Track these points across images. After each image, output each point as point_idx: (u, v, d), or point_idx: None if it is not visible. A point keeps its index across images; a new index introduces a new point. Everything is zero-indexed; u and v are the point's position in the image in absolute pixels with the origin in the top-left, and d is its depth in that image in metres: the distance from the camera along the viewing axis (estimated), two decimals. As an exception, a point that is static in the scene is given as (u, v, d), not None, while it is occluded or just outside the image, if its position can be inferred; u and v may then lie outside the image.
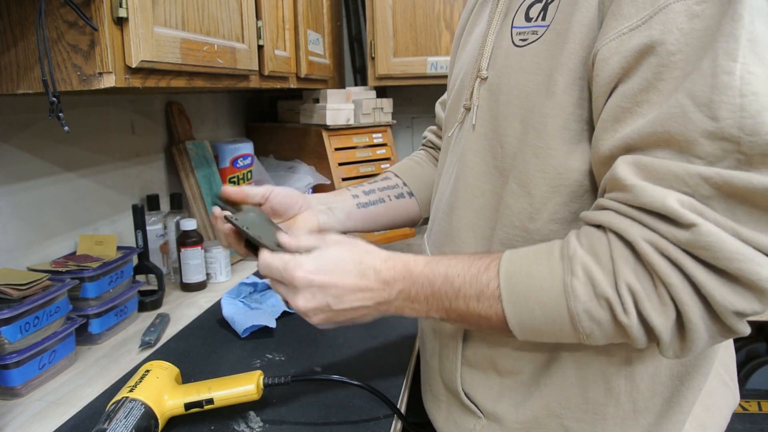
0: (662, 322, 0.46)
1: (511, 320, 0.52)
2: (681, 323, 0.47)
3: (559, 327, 0.51)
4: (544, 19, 0.56)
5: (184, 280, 1.23)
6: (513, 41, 0.59)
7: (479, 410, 0.65)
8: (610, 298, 0.48)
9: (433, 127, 0.96)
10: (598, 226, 0.50)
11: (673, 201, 0.44)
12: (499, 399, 0.63)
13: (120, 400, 0.66)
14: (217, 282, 1.29)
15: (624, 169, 0.47)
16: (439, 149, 0.90)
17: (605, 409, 0.59)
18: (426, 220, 0.88)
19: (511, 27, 0.59)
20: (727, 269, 0.43)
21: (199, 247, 1.22)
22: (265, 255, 0.61)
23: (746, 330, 0.47)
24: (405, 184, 0.88)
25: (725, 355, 0.70)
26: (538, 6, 0.57)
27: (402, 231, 1.66)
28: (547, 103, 0.53)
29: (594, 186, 0.54)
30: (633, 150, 0.47)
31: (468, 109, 0.66)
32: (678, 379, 0.59)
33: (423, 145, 0.97)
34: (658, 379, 0.58)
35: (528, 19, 0.58)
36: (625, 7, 0.47)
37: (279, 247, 0.64)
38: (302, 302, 0.58)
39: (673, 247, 0.45)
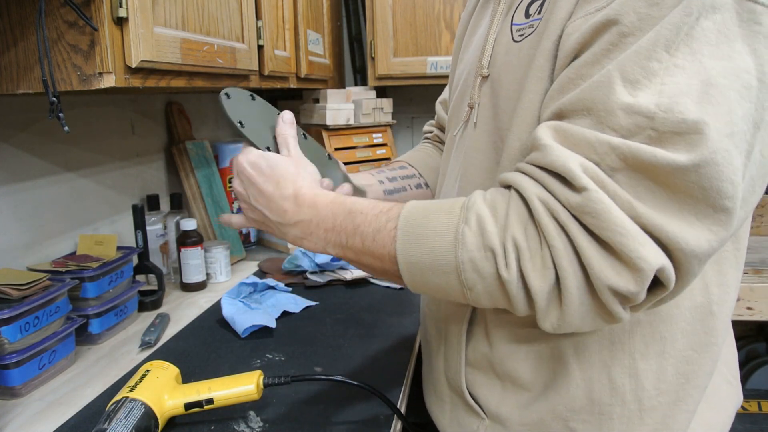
0: (540, 284, 0.47)
1: (401, 262, 0.53)
2: (559, 290, 0.47)
3: (446, 277, 0.51)
4: (540, 13, 0.57)
5: (184, 280, 1.23)
6: (513, 37, 0.59)
7: (483, 411, 0.65)
8: (496, 250, 0.48)
9: (433, 121, 0.97)
10: (508, 186, 0.52)
11: (574, 164, 0.45)
12: (503, 401, 0.63)
13: (120, 400, 0.66)
14: (217, 282, 1.29)
15: (543, 131, 0.48)
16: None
17: (611, 409, 0.58)
18: None
19: (511, 24, 0.60)
20: (609, 241, 0.44)
21: (199, 247, 1.22)
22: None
23: (623, 316, 0.47)
24: (420, 175, 0.89)
25: (727, 353, 0.70)
26: (537, 3, 0.58)
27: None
28: (534, 88, 0.54)
29: None
30: (562, 117, 0.49)
31: (472, 108, 0.66)
32: (683, 377, 0.59)
33: (429, 139, 0.97)
34: (664, 378, 0.58)
35: (527, 15, 0.58)
36: None
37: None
38: (236, 185, 0.68)
39: (563, 210, 0.45)
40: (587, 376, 0.58)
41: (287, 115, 0.71)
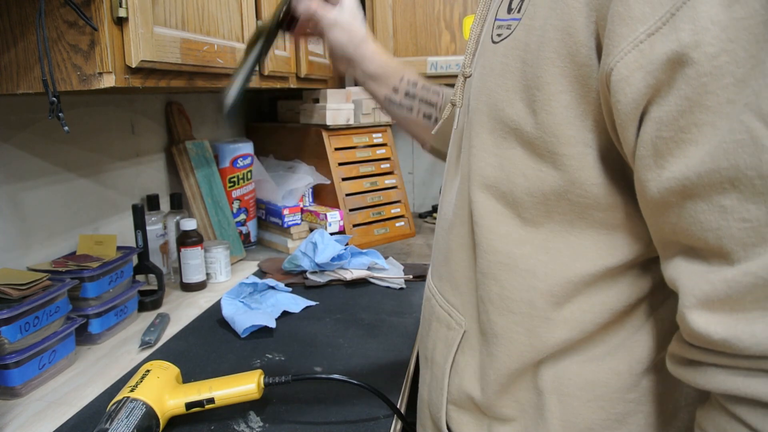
0: None
1: None
2: None
3: None
4: (519, 11, 0.47)
5: (184, 280, 1.23)
6: (492, 36, 0.51)
7: None
8: None
9: None
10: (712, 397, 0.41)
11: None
12: None
13: (121, 400, 0.66)
14: (217, 282, 1.29)
15: (701, 322, 0.37)
16: None
17: None
18: (433, 150, 0.84)
19: (495, 19, 0.51)
20: None
21: (199, 247, 1.22)
22: None
23: None
24: (441, 108, 0.80)
25: None
26: None
27: (402, 231, 1.66)
28: (529, 120, 0.45)
29: (588, 204, 0.46)
30: (692, 196, 0.36)
31: (454, 105, 0.60)
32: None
33: None
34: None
35: (509, 10, 0.49)
36: (636, 6, 0.36)
37: None
38: None
39: None
40: (565, 417, 0.52)
41: None
